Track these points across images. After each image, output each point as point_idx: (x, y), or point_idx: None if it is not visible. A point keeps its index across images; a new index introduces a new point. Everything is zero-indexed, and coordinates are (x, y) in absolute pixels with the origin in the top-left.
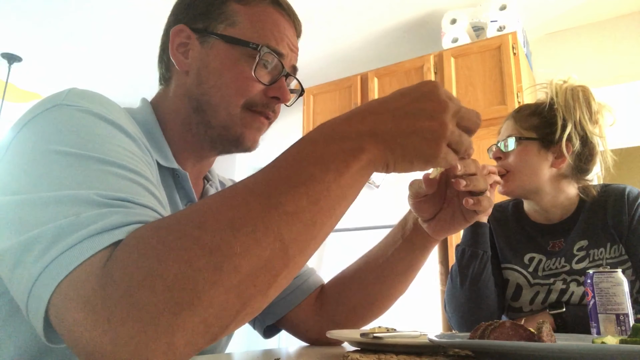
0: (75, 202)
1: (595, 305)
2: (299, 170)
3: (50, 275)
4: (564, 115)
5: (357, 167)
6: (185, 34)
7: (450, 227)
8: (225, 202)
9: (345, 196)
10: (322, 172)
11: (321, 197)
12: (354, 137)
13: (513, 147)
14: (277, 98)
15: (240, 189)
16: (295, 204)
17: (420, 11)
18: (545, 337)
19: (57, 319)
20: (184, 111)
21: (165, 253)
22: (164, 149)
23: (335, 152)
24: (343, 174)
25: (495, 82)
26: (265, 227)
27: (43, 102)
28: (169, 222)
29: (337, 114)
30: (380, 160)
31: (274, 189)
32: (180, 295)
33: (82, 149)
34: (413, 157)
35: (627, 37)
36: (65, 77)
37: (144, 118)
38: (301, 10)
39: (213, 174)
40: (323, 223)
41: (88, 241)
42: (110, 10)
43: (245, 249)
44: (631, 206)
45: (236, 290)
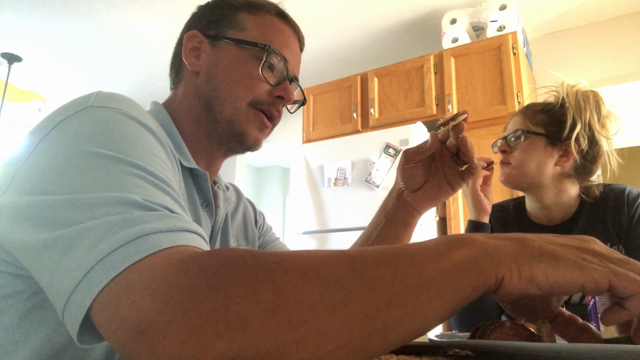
0: (122, 202)
1: (595, 305)
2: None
3: (105, 269)
4: (574, 114)
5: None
6: (197, 38)
7: (437, 196)
8: (315, 254)
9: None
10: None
11: (408, 274)
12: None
13: (520, 140)
14: (282, 98)
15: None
16: (378, 271)
17: (420, 11)
18: (545, 337)
19: (105, 313)
20: (194, 109)
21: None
22: (184, 149)
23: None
24: (441, 259)
25: (495, 82)
26: (338, 284)
27: (71, 104)
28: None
29: (337, 114)
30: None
31: (363, 255)
32: (231, 320)
33: (118, 152)
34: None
35: (627, 37)
36: (65, 77)
37: (162, 119)
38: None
39: (219, 177)
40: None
41: (145, 239)
42: (110, 10)
43: (306, 299)
44: (631, 206)
45: (281, 338)
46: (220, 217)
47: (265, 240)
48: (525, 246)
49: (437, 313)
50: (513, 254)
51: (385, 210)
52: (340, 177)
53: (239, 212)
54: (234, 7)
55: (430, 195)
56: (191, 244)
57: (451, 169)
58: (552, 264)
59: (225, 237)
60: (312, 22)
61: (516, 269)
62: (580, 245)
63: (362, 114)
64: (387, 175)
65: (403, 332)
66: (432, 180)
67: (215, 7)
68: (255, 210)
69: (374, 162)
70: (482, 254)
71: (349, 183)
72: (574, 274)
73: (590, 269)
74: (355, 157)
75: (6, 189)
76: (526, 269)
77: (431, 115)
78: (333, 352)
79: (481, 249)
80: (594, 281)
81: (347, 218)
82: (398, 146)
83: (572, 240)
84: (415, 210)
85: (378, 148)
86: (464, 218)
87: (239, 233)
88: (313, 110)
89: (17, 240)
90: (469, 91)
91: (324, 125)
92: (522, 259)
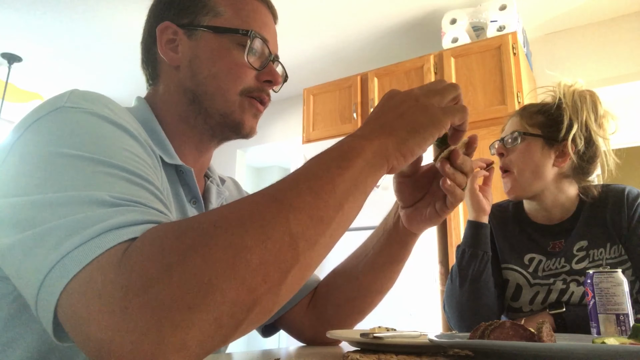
0: (88, 201)
1: (595, 305)
2: (303, 171)
3: (65, 267)
4: (570, 115)
5: (360, 160)
6: (171, 30)
7: (425, 219)
8: (239, 203)
9: (352, 192)
10: (323, 169)
11: (325, 192)
12: (348, 139)
13: (517, 142)
14: (270, 82)
15: (253, 193)
16: (300, 200)
17: (420, 11)
18: (545, 337)
19: (68, 312)
20: (180, 105)
21: (182, 249)
22: (167, 146)
23: (334, 151)
24: (346, 168)
25: (495, 82)
26: (274, 222)
27: (44, 105)
28: (188, 222)
29: (337, 114)
30: (384, 149)
31: (281, 189)
32: (195, 289)
33: (89, 152)
34: (416, 128)
35: (627, 37)
36: (65, 77)
37: (144, 116)
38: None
39: (213, 170)
40: (331, 218)
41: (106, 235)
42: (110, 10)
43: (255, 243)
44: (630, 206)
45: (247, 285)
46: None
47: None
48: (396, 133)
49: (358, 208)
50: (394, 145)
51: (385, 223)
52: None
53: None
54: None
55: (417, 217)
56: (136, 234)
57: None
58: (416, 133)
59: None
60: (312, 22)
61: (399, 154)
62: (416, 101)
63: (362, 114)
64: (387, 175)
65: (342, 232)
66: (427, 199)
67: None
68: None
69: None
70: (374, 155)
71: None
72: (432, 130)
73: (437, 121)
74: None
75: None
76: (405, 150)
77: None
78: (295, 275)
79: (371, 151)
80: (442, 127)
81: None
82: None
83: (409, 100)
84: (409, 231)
85: None
86: (464, 218)
87: None
88: (313, 110)
89: None
90: (469, 91)
91: (324, 125)
92: (400, 144)
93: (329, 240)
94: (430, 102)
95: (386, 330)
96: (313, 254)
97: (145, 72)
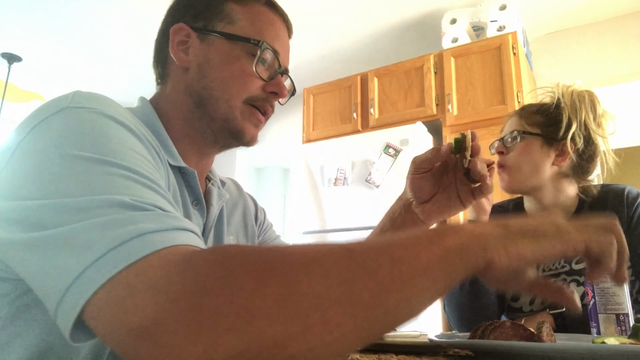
0: (110, 204)
1: (595, 305)
2: (396, 235)
3: (101, 269)
4: (569, 114)
5: (452, 240)
6: (185, 32)
7: (446, 209)
8: (314, 247)
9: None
10: (413, 239)
11: (403, 262)
12: (453, 224)
13: (517, 141)
14: (275, 93)
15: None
16: (376, 261)
17: (420, 11)
18: (545, 337)
19: (107, 305)
20: (185, 107)
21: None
22: (171, 147)
23: (433, 229)
24: (435, 243)
25: (495, 82)
26: (340, 274)
27: (48, 105)
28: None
29: (337, 114)
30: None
31: (361, 246)
32: (240, 312)
33: (99, 153)
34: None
35: (627, 37)
36: (65, 77)
37: (147, 117)
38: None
39: (214, 172)
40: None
41: (152, 236)
42: (110, 10)
43: (311, 289)
44: (630, 206)
45: (289, 328)
46: (213, 215)
47: (266, 238)
48: (507, 229)
49: (431, 296)
50: (498, 237)
51: (392, 218)
52: (340, 177)
53: (238, 208)
54: None
55: (439, 208)
56: (187, 242)
57: (463, 185)
58: (534, 239)
59: (219, 234)
60: (312, 22)
61: (503, 249)
62: (551, 220)
63: (362, 114)
64: (387, 175)
65: (401, 316)
66: (442, 193)
67: None
68: (256, 206)
69: (374, 162)
70: (470, 239)
71: (349, 183)
72: (554, 243)
73: (566, 237)
74: (355, 157)
75: None
76: (512, 248)
77: (431, 115)
78: (337, 340)
79: (469, 235)
80: (572, 246)
81: (347, 218)
82: (398, 146)
83: (542, 217)
84: (424, 222)
85: (378, 148)
86: (464, 218)
87: (239, 229)
88: (313, 110)
89: (2, 239)
90: (469, 91)
91: (323, 125)
92: (508, 240)
93: (384, 315)
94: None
95: None
96: (363, 323)
97: (156, 71)
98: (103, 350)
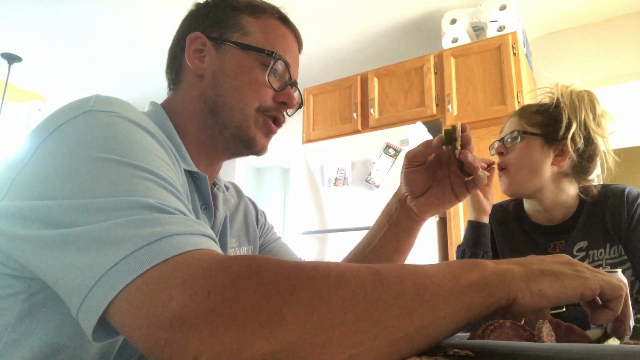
0: (137, 205)
1: None
2: (422, 265)
3: (130, 266)
4: (569, 114)
5: (476, 274)
6: (201, 40)
7: (440, 203)
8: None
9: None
10: (438, 269)
11: (426, 289)
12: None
13: (517, 141)
14: (285, 103)
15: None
16: (401, 284)
17: (420, 11)
18: (545, 337)
19: (140, 300)
20: (198, 113)
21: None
22: (183, 152)
23: (458, 260)
24: (458, 276)
25: (495, 82)
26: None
27: (69, 108)
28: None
29: (337, 114)
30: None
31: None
32: (270, 315)
33: (125, 156)
34: (557, 275)
35: (627, 37)
36: (65, 77)
37: (161, 122)
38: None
39: (219, 179)
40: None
41: (181, 237)
42: (110, 10)
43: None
44: (630, 206)
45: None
46: (219, 220)
47: (267, 240)
48: (529, 268)
49: (450, 327)
50: (521, 276)
51: (388, 214)
52: (340, 177)
53: (239, 212)
54: (236, 9)
55: (433, 202)
56: (210, 247)
57: (457, 178)
58: (555, 279)
59: (224, 239)
60: (312, 22)
61: (526, 287)
62: (569, 261)
63: (362, 114)
64: (387, 175)
65: (419, 343)
66: (436, 187)
67: (216, 8)
68: (256, 210)
69: (374, 162)
70: (494, 276)
71: (349, 183)
72: (574, 284)
73: (585, 279)
74: (355, 157)
75: (5, 193)
76: (535, 286)
77: (431, 115)
78: (354, 356)
79: (492, 272)
80: (590, 288)
81: (347, 218)
82: (398, 146)
83: (557, 258)
84: (419, 217)
85: (378, 148)
86: (464, 218)
87: (241, 232)
88: (313, 110)
89: (21, 236)
90: (469, 91)
91: (324, 126)
92: (530, 279)
93: (404, 339)
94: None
95: None
96: (382, 344)
97: (168, 77)
98: (112, 349)
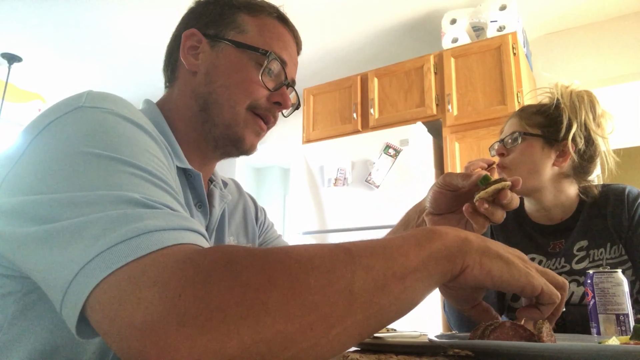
0: (121, 200)
1: (595, 306)
2: (386, 238)
3: (106, 260)
4: (569, 114)
5: (439, 243)
6: (196, 37)
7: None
8: (314, 246)
9: (420, 269)
10: (402, 241)
11: (395, 261)
12: (442, 228)
13: (517, 142)
14: (279, 104)
15: (330, 244)
16: (372, 259)
17: (420, 11)
18: (545, 337)
19: (108, 299)
20: (190, 110)
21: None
22: (177, 149)
23: (422, 231)
24: (422, 246)
25: (495, 82)
26: (341, 271)
27: (61, 105)
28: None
29: (337, 114)
30: (467, 245)
31: (358, 245)
32: (250, 305)
33: (113, 151)
34: (509, 263)
35: (627, 37)
36: (65, 77)
37: (155, 119)
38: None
39: (216, 174)
40: (391, 290)
41: (154, 235)
42: (110, 10)
43: (317, 284)
44: (631, 206)
45: (297, 322)
46: (215, 217)
47: (267, 238)
48: (486, 245)
49: (418, 296)
50: (478, 248)
51: (406, 222)
52: (340, 177)
53: (238, 208)
54: (234, 7)
55: (447, 225)
56: (193, 242)
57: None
58: (505, 265)
59: (221, 236)
60: (312, 22)
61: (479, 260)
62: (521, 256)
63: (362, 114)
64: (387, 175)
65: (393, 314)
66: (457, 213)
67: (214, 5)
68: (256, 207)
69: (374, 162)
70: (454, 244)
71: (349, 183)
72: (520, 277)
73: (531, 277)
74: (355, 158)
75: None
76: (486, 263)
77: (431, 116)
78: (338, 335)
79: (453, 240)
80: (532, 286)
81: (347, 218)
82: (398, 146)
83: (514, 251)
84: None
85: (378, 148)
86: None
87: (239, 229)
88: (313, 110)
89: (8, 233)
90: (469, 91)
91: (323, 126)
92: (484, 255)
93: (380, 317)
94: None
95: (386, 331)
96: (361, 318)
97: (165, 74)
98: (109, 347)
